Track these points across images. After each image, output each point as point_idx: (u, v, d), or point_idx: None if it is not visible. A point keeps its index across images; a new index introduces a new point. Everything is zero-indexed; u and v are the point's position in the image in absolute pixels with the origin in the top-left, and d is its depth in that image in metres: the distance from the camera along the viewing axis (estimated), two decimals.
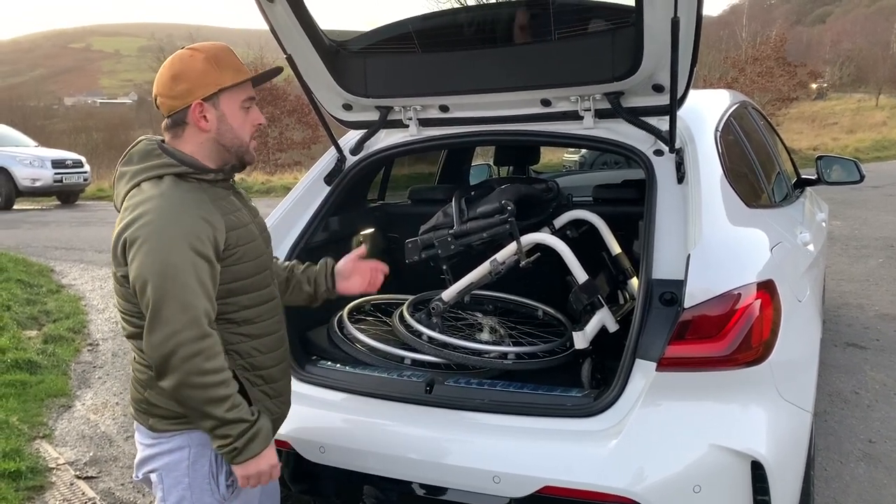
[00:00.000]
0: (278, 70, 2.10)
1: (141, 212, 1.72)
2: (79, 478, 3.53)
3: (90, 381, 4.86)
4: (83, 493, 3.37)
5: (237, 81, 1.84)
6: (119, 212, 1.83)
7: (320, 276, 2.26)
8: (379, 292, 3.22)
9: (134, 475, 1.96)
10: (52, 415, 4.27)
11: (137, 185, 1.78)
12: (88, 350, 5.48)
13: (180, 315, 1.66)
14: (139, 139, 1.90)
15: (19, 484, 3.37)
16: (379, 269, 2.34)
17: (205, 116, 1.81)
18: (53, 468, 3.60)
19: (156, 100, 1.85)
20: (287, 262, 2.31)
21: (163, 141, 1.88)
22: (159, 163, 1.80)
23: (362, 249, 2.36)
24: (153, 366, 1.71)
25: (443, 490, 2.23)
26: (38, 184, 15.02)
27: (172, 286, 1.66)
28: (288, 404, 2.08)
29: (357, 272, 2.30)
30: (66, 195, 16.33)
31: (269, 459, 1.80)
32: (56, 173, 15.23)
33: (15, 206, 15.17)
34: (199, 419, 1.73)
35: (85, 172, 16.23)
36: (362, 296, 3.11)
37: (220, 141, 1.85)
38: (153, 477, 1.87)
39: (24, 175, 14.85)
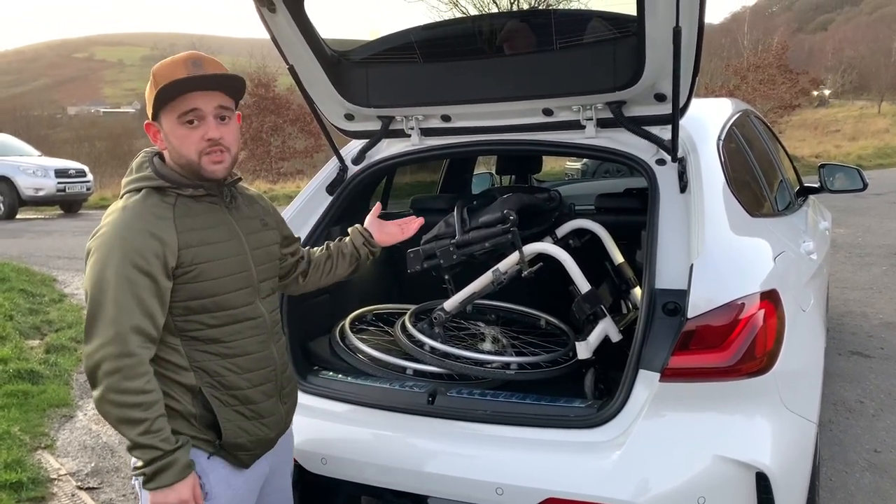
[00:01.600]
0: (229, 75, 1.87)
1: (101, 224, 1.76)
2: (80, 489, 3.52)
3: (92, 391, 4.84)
4: None
5: (154, 97, 1.76)
6: None
7: (356, 238, 2.33)
8: (380, 302, 3.24)
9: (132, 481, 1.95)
10: (53, 425, 4.26)
11: (122, 195, 1.82)
12: None
13: (107, 329, 1.66)
14: (142, 151, 1.92)
15: (21, 495, 3.36)
16: (408, 220, 2.43)
17: (157, 136, 1.83)
18: (55, 479, 3.59)
19: None
20: (317, 248, 2.34)
21: (159, 154, 1.88)
22: (141, 176, 1.82)
23: (378, 207, 2.46)
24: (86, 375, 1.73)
25: (446, 502, 2.22)
26: (41, 193, 15.05)
27: (104, 300, 1.67)
28: (279, 426, 1.99)
29: (388, 223, 2.40)
30: (69, 204, 16.36)
31: (179, 493, 1.70)
32: (59, 183, 15.27)
33: (18, 216, 15.20)
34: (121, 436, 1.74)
35: (88, 182, 16.27)
36: (364, 306, 3.12)
37: (176, 160, 1.82)
38: (134, 482, 1.85)
39: (27, 184, 14.89)
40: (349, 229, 2.36)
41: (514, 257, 2.66)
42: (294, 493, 2.46)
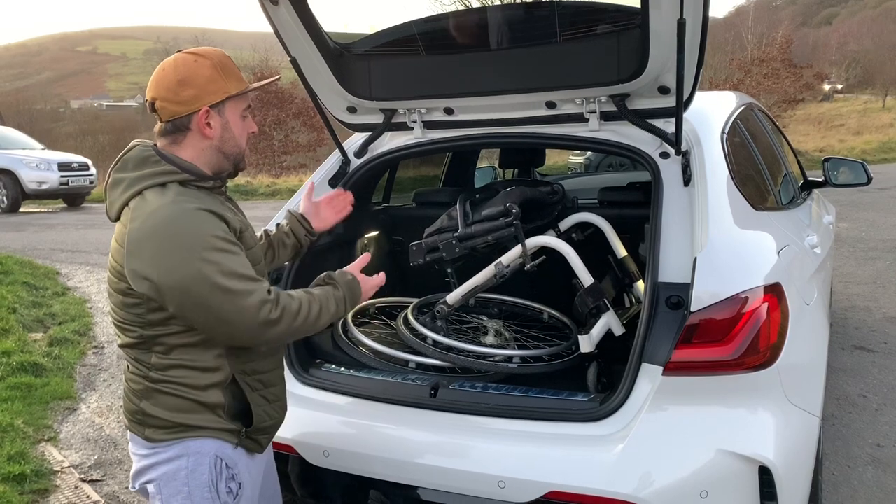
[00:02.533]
0: (277, 78, 2.23)
1: (155, 223, 1.67)
2: (83, 481, 3.53)
3: (95, 383, 4.86)
4: (88, 497, 3.37)
5: (241, 90, 1.85)
6: (115, 220, 1.80)
7: (294, 224, 2.32)
8: (383, 296, 3.23)
9: (130, 486, 1.92)
10: (57, 418, 4.27)
11: (139, 193, 1.75)
12: (94, 353, 5.49)
13: (233, 302, 1.67)
14: (132, 144, 1.86)
15: (24, 487, 3.37)
16: (339, 195, 2.41)
17: (209, 123, 1.80)
18: (58, 471, 3.60)
19: (154, 103, 1.81)
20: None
21: (155, 146, 1.84)
22: (160, 170, 1.76)
23: (311, 188, 2.46)
24: (245, 341, 1.77)
25: (447, 495, 2.22)
26: (44, 186, 15.05)
27: (215, 277, 1.65)
28: (284, 410, 2.06)
29: (322, 207, 2.39)
30: (72, 198, 16.37)
31: (363, 284, 2.00)
32: (62, 176, 15.26)
33: (21, 209, 15.22)
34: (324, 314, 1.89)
35: (91, 175, 16.27)
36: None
37: (221, 148, 1.84)
38: (150, 488, 1.84)
39: (30, 178, 14.89)
40: (286, 219, 2.35)
41: (516, 251, 2.65)
42: (297, 487, 2.48)
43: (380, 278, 2.10)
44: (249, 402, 1.87)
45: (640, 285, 2.78)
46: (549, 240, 2.70)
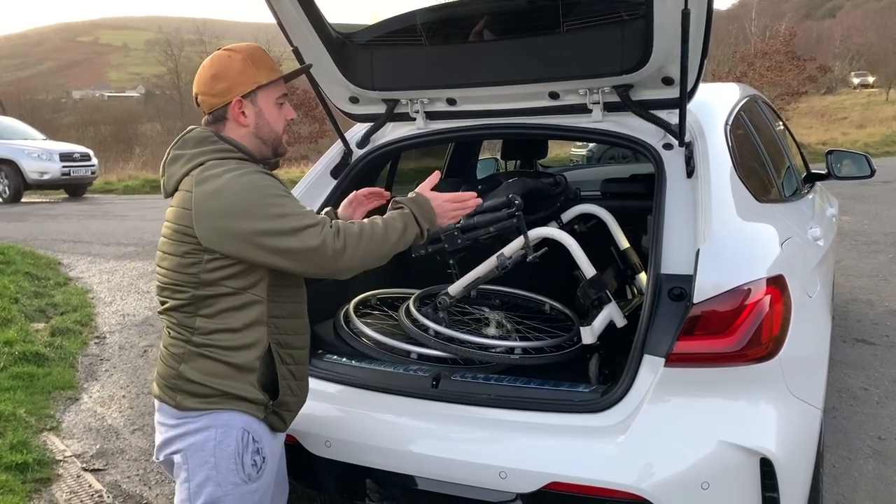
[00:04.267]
0: (308, 66, 2.34)
1: (221, 183, 1.81)
2: (86, 470, 3.54)
3: (97, 373, 4.87)
4: (90, 486, 3.38)
5: (272, 79, 1.99)
6: (172, 193, 1.93)
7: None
8: (385, 286, 3.23)
9: (154, 457, 1.99)
10: (59, 407, 4.28)
11: (202, 163, 1.88)
12: (95, 343, 5.50)
13: (307, 228, 1.82)
14: (190, 128, 2.01)
15: (26, 476, 3.38)
16: (370, 193, 2.42)
17: (243, 112, 1.96)
18: (60, 460, 3.61)
19: (196, 98, 1.99)
20: None
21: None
22: (220, 147, 1.93)
23: (354, 195, 2.45)
24: (328, 272, 1.89)
25: (449, 485, 2.22)
26: (45, 177, 15.06)
27: (277, 203, 1.82)
28: (306, 392, 2.14)
29: (352, 206, 2.41)
30: (74, 188, 16.38)
31: (433, 200, 2.03)
32: (64, 166, 15.27)
33: (23, 199, 15.22)
34: (404, 232, 1.98)
35: (93, 166, 16.28)
36: (368, 290, 3.12)
37: (258, 135, 1.99)
38: (177, 458, 1.91)
39: (32, 168, 14.89)
40: (327, 212, 2.39)
41: (518, 242, 2.65)
42: (298, 477, 2.48)
43: (446, 193, 2.13)
44: (278, 374, 1.96)
45: (643, 277, 2.78)
46: (552, 231, 2.70)
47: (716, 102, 2.88)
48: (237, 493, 1.89)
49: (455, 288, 2.78)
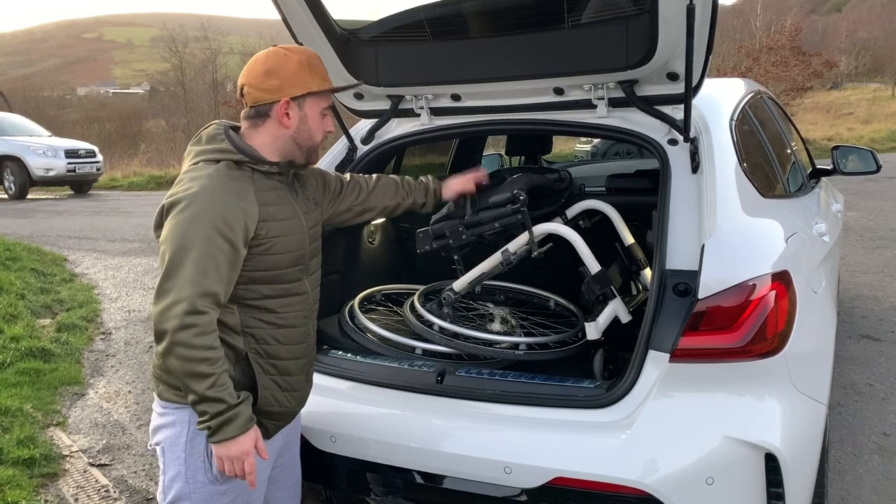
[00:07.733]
0: (359, 83, 2.48)
1: (186, 187, 1.82)
2: (92, 465, 3.56)
3: (103, 369, 4.89)
4: (96, 481, 3.40)
5: (324, 88, 1.99)
6: None
7: (433, 183, 2.61)
8: (390, 282, 3.24)
9: (149, 444, 2.03)
10: (65, 403, 4.30)
11: (197, 163, 1.90)
12: (101, 339, 5.52)
13: (183, 289, 1.73)
14: (211, 123, 2.02)
15: (33, 471, 3.40)
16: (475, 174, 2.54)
17: (288, 114, 1.94)
18: (67, 455, 3.63)
19: (242, 89, 1.96)
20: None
21: (234, 128, 1.98)
22: (219, 147, 1.91)
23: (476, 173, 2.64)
24: (154, 328, 1.78)
25: (454, 480, 2.23)
26: (51, 173, 15.11)
27: (185, 260, 1.74)
28: (301, 402, 2.12)
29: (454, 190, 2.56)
30: (79, 185, 16.43)
31: (241, 445, 1.80)
32: (69, 163, 15.32)
33: (29, 196, 15.27)
34: (185, 392, 1.78)
35: (98, 162, 16.32)
36: (373, 286, 3.12)
37: (296, 139, 1.98)
38: (158, 450, 1.95)
39: (37, 164, 14.94)
40: (427, 178, 2.58)
41: (523, 238, 2.65)
42: (304, 471, 2.49)
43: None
44: (258, 383, 1.93)
45: (648, 272, 2.78)
46: (557, 227, 2.69)
47: (721, 98, 2.88)
48: (205, 492, 1.89)
49: (460, 284, 2.79)
